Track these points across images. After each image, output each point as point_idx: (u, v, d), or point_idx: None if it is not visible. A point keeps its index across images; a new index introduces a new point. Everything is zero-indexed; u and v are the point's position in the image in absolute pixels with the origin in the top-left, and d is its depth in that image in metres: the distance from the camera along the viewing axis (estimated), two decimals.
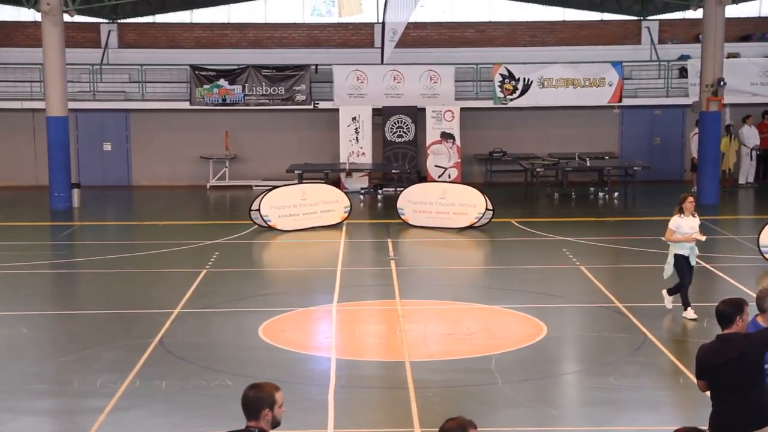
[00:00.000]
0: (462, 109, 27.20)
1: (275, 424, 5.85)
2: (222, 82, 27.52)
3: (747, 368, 6.93)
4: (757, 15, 30.35)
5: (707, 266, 16.91)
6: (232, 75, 27.51)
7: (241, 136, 28.35)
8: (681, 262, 13.36)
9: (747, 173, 27.18)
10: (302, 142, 28.34)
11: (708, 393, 7.20)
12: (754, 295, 7.94)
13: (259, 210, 20.66)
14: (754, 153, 27.05)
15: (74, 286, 17.03)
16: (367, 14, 30.09)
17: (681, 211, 13.32)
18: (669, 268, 13.57)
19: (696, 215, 13.47)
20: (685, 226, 13.27)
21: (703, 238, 13.53)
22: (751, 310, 7.42)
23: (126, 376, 11.20)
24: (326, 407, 10.27)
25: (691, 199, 13.48)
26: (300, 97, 27.59)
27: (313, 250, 19.65)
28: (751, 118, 26.99)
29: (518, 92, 27.37)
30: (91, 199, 25.48)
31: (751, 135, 26.97)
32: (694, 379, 7.44)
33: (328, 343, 12.74)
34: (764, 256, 16.54)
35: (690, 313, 13.22)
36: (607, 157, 27.15)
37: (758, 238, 16.68)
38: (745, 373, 6.93)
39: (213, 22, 30.31)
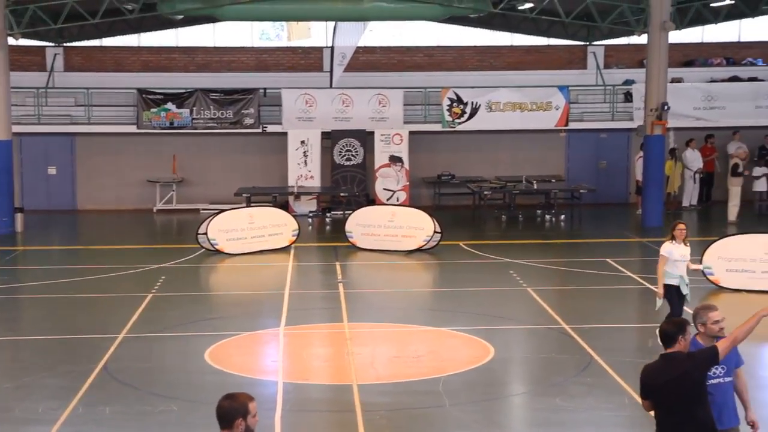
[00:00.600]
0: (411, 132, 27.32)
1: None
2: (170, 105, 27.37)
3: (690, 387, 6.99)
4: (700, 41, 30.92)
5: (651, 287, 17.08)
6: (179, 98, 27.39)
7: (189, 159, 28.20)
8: (671, 292, 12.86)
9: (690, 196, 27.57)
10: (250, 165, 28.25)
11: (652, 412, 7.25)
12: None
13: (206, 233, 20.52)
14: (697, 176, 27.44)
15: (17, 311, 16.74)
16: (316, 38, 30.20)
17: (673, 238, 12.96)
18: (659, 300, 13.12)
19: (688, 244, 13.09)
20: (676, 253, 12.90)
21: (696, 267, 13.22)
22: (694, 329, 7.50)
23: (69, 403, 11.00)
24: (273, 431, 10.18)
25: (681, 226, 13.08)
26: (248, 121, 27.52)
27: (261, 273, 19.55)
28: (694, 142, 27.40)
29: (466, 116, 27.56)
30: (35, 223, 25.14)
31: (694, 158, 27.36)
32: (639, 399, 7.49)
33: (275, 367, 12.65)
34: (707, 278, 16.76)
35: None
36: (553, 180, 27.40)
37: (701, 259, 16.90)
38: (688, 392, 6.99)
39: (161, 46, 30.18)
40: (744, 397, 7.78)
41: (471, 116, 27.58)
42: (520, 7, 26.77)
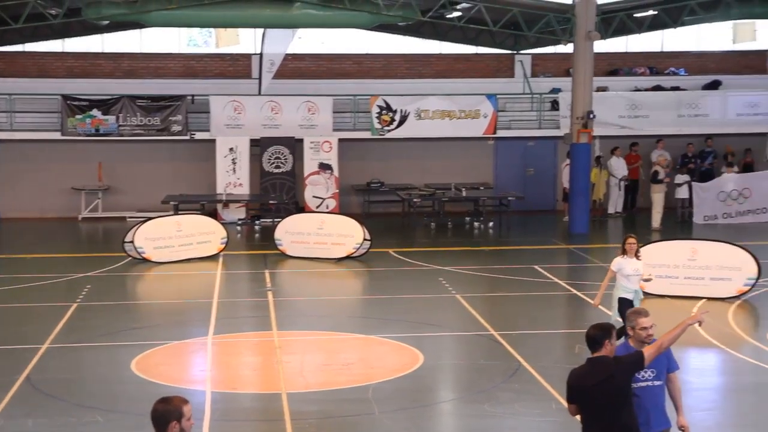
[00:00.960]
0: (340, 140, 27.31)
1: None
2: (95, 112, 26.99)
3: (615, 390, 7.09)
4: (625, 50, 31.44)
5: (578, 293, 17.32)
6: (105, 105, 27.01)
7: (115, 166, 27.82)
8: (624, 306, 12.46)
9: (616, 203, 27.98)
10: (178, 172, 27.97)
11: (578, 417, 7.33)
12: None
13: (133, 242, 20.26)
14: (622, 183, 27.86)
15: None
16: (245, 45, 30.02)
17: (624, 252, 12.80)
18: (615, 312, 12.87)
19: (640, 257, 12.93)
20: (628, 267, 12.69)
21: (646, 286, 13.09)
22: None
23: None
24: None
25: (632, 240, 12.85)
26: (176, 128, 27.25)
27: (189, 282, 19.34)
28: (619, 150, 27.83)
29: (396, 123, 27.65)
30: None
31: (619, 166, 27.80)
32: (566, 404, 7.56)
33: (203, 376, 12.52)
34: None
35: None
36: (482, 188, 27.61)
37: None
38: (613, 396, 7.08)
39: (86, 51, 29.70)
40: (677, 402, 7.91)
41: (400, 124, 27.68)
42: (448, 16, 26.94)
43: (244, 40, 30.07)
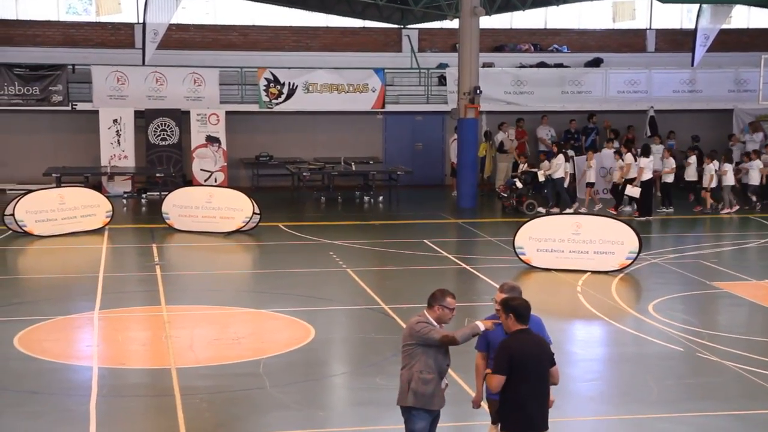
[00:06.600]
0: (228, 112, 26.98)
1: None
2: None
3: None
4: (509, 27, 31.86)
5: (467, 267, 17.55)
6: None
7: None
8: None
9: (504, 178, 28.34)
10: (60, 144, 27.22)
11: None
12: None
13: (13, 215, 19.67)
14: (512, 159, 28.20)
15: None
16: (127, 14, 29.35)
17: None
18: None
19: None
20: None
21: None
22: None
23: None
24: (87, 418, 9.87)
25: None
26: (56, 98, 26.47)
27: (73, 256, 18.88)
28: (505, 125, 28.22)
29: (284, 97, 27.44)
30: None
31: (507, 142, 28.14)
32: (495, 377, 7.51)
33: (89, 352, 12.27)
34: (519, 257, 17.33)
35: None
36: (371, 162, 27.68)
37: (513, 239, 17.47)
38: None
39: None
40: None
41: (288, 97, 27.48)
42: None
43: (126, 9, 29.38)
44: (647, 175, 23.23)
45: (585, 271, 16.83)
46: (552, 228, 17.39)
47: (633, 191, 23.15)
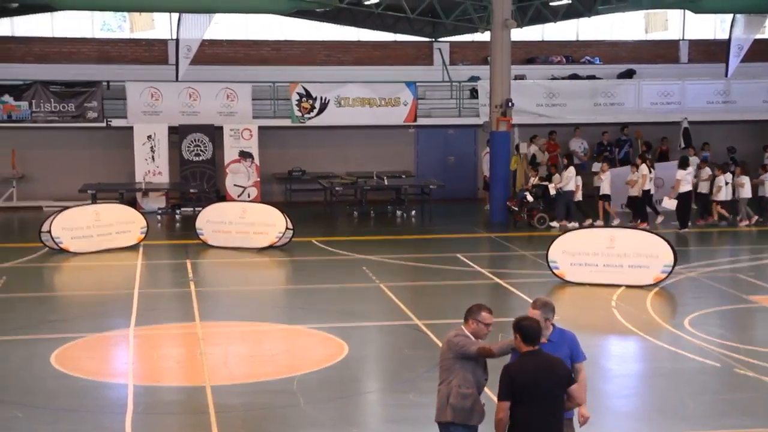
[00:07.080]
0: (260, 127, 27.11)
1: None
2: (7, 98, 26.36)
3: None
4: (541, 39, 31.81)
5: (501, 282, 17.50)
6: (17, 91, 26.39)
7: (30, 154, 27.21)
8: None
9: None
10: (95, 160, 27.46)
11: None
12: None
13: (50, 232, 19.85)
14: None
15: None
16: (160, 30, 29.62)
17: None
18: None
19: None
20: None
21: None
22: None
23: None
24: None
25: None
26: (92, 114, 26.73)
27: (109, 272, 19.02)
28: (537, 138, 28.13)
29: (316, 111, 27.54)
30: None
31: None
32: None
33: (125, 369, 12.34)
34: (553, 272, 17.25)
35: None
36: (403, 176, 27.70)
37: (547, 253, 17.39)
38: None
39: None
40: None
41: (320, 111, 27.58)
42: (366, 2, 26.91)
43: (159, 25, 29.66)
44: (686, 188, 22.96)
45: (619, 286, 16.73)
46: (586, 241, 17.30)
47: (670, 203, 22.92)
